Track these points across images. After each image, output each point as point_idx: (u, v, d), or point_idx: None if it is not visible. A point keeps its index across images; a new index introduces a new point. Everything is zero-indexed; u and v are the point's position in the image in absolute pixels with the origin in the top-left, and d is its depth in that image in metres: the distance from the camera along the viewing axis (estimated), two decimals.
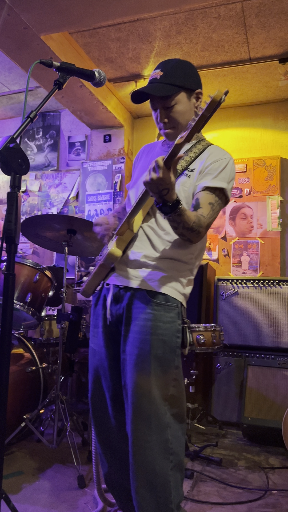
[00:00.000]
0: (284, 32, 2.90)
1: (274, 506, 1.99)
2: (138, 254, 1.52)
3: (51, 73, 3.05)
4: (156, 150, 1.73)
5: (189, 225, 1.37)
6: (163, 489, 1.39)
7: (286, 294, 3.10)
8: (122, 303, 1.52)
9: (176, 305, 1.51)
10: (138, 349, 1.44)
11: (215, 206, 1.48)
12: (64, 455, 2.42)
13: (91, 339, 1.68)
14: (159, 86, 1.50)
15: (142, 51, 3.17)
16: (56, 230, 2.57)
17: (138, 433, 1.40)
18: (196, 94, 1.58)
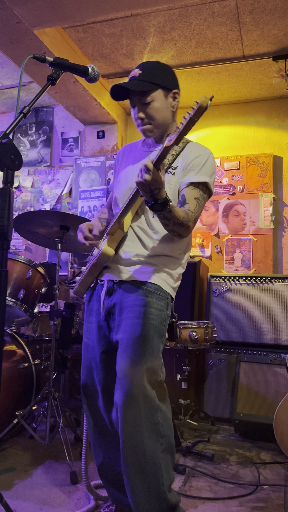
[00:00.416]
0: (278, 30, 2.91)
1: (265, 501, 2.01)
2: (130, 254, 1.59)
3: (44, 68, 3.03)
4: (137, 150, 1.77)
5: (179, 220, 1.44)
6: (154, 472, 1.42)
7: (278, 291, 3.12)
8: (115, 295, 1.58)
9: (165, 296, 1.57)
10: (129, 333, 1.49)
11: (200, 201, 1.56)
12: (57, 451, 2.43)
13: (85, 333, 1.73)
14: (138, 82, 1.56)
15: (136, 47, 3.16)
16: (49, 226, 2.56)
17: (127, 418, 1.42)
18: (173, 94, 1.64)
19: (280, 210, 3.63)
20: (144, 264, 1.57)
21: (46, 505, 1.88)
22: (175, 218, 1.42)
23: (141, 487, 1.41)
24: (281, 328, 3.03)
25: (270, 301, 3.12)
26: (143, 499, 1.42)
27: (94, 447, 1.69)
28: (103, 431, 1.67)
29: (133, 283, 1.56)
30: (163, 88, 1.60)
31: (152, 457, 1.42)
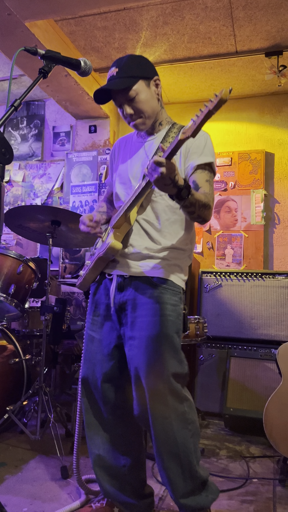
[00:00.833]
0: (271, 26, 2.91)
1: (255, 494, 2.03)
2: (138, 248, 1.59)
3: (35, 61, 3.00)
4: (132, 143, 1.76)
5: (202, 202, 1.44)
6: (187, 457, 1.53)
7: (269, 287, 3.14)
8: (127, 291, 1.59)
9: (179, 290, 1.60)
10: (148, 330, 1.51)
11: (211, 182, 1.57)
12: (48, 446, 2.43)
13: (88, 326, 1.72)
14: (117, 81, 1.55)
15: (129, 41, 3.14)
16: (40, 221, 2.54)
17: (156, 412, 1.50)
18: (154, 82, 1.63)
19: (271, 207, 3.65)
20: (154, 258, 1.58)
21: (37, 500, 1.88)
22: (199, 201, 1.41)
23: (177, 474, 1.53)
24: (271, 323, 3.06)
25: (261, 297, 3.14)
26: (179, 482, 1.54)
27: (90, 439, 1.70)
28: (100, 424, 1.68)
29: (145, 279, 1.57)
30: (143, 78, 1.59)
31: (184, 444, 1.52)
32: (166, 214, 1.61)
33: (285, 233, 3.61)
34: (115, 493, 1.66)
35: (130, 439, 1.67)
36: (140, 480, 1.69)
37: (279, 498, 1.99)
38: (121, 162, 1.76)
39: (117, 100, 1.61)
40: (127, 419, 1.67)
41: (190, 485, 1.55)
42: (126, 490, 1.66)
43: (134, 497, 1.67)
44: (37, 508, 1.82)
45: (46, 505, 1.84)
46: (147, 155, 1.65)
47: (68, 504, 1.82)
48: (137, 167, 1.66)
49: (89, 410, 1.70)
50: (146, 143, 1.68)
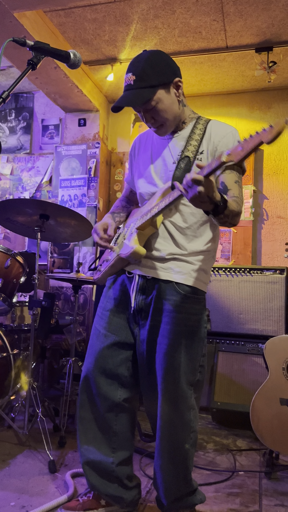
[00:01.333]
0: (261, 21, 2.91)
1: (241, 487, 2.06)
2: (163, 252, 1.57)
3: (24, 52, 2.96)
4: (154, 139, 1.70)
5: (235, 212, 1.41)
6: (184, 464, 1.59)
7: (256, 282, 3.16)
8: (150, 294, 1.58)
9: (203, 297, 1.61)
10: (169, 339, 1.53)
11: (240, 182, 1.52)
12: (35, 441, 2.42)
13: (97, 319, 1.72)
14: (135, 93, 1.48)
15: (119, 33, 3.11)
16: (29, 215, 2.52)
17: (166, 416, 1.55)
18: (174, 84, 1.55)
19: (260, 203, 3.67)
20: (178, 260, 1.56)
21: (24, 494, 1.88)
22: (232, 211, 1.38)
23: (172, 476, 1.58)
24: (259, 318, 3.09)
25: (249, 292, 3.17)
26: (173, 486, 1.59)
27: (81, 433, 1.70)
28: (94, 420, 1.68)
29: (169, 285, 1.55)
30: (163, 85, 1.50)
31: (184, 451, 1.57)
32: (194, 217, 1.57)
33: (273, 229, 3.64)
34: (102, 486, 1.67)
35: (122, 436, 1.68)
36: (127, 473, 1.70)
37: (265, 490, 2.02)
38: (142, 160, 1.71)
39: (135, 108, 1.55)
40: (122, 417, 1.67)
41: (182, 491, 1.60)
42: (113, 483, 1.67)
43: (121, 489, 1.68)
44: (24, 502, 1.81)
45: (34, 499, 1.84)
46: (172, 155, 1.59)
47: (55, 498, 1.82)
48: (160, 167, 1.62)
49: (85, 404, 1.69)
50: (170, 141, 1.62)
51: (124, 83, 1.53)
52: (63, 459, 2.26)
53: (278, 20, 2.89)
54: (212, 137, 1.55)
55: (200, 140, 1.56)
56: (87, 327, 3.65)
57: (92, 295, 3.71)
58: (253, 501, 1.92)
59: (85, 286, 3.71)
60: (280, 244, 3.59)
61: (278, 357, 2.22)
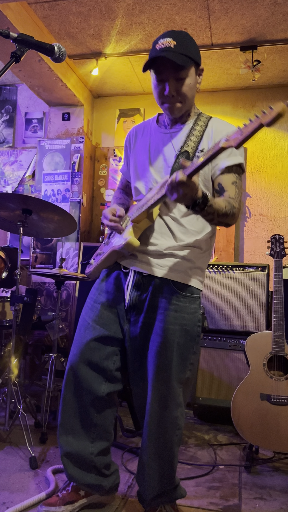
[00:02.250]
0: (246, 20, 2.93)
1: (221, 480, 2.08)
2: (160, 246, 1.55)
3: (7, 44, 2.91)
4: (152, 132, 1.66)
5: (222, 212, 1.38)
6: (170, 460, 1.59)
7: (238, 279, 3.20)
8: (146, 291, 1.56)
9: (198, 295, 1.60)
10: (163, 337, 1.53)
11: (238, 183, 1.50)
12: (17, 437, 2.41)
13: (86, 311, 1.70)
14: (177, 55, 1.42)
15: (104, 28, 3.09)
16: (11, 209, 2.49)
17: (155, 414, 1.55)
18: (199, 71, 1.55)
19: (242, 200, 3.70)
20: (175, 256, 1.54)
21: (5, 491, 1.87)
22: (217, 210, 1.35)
23: (157, 473, 1.58)
24: (240, 315, 3.12)
25: (231, 289, 3.20)
26: (157, 483, 1.59)
27: (62, 426, 1.68)
28: (77, 411, 1.67)
29: (165, 282, 1.54)
30: (196, 64, 1.50)
31: (170, 448, 1.58)
32: (191, 213, 1.55)
33: (255, 226, 3.68)
34: (80, 476, 1.66)
35: (101, 430, 1.68)
36: (106, 463, 1.70)
37: (244, 484, 2.05)
38: (139, 152, 1.67)
39: (163, 74, 1.47)
40: (104, 411, 1.67)
41: (164, 487, 1.61)
42: (91, 472, 1.67)
43: (99, 477, 1.68)
44: (5, 498, 1.80)
45: (14, 495, 1.83)
46: (174, 148, 1.56)
47: (36, 494, 1.81)
48: (159, 161, 1.59)
49: (68, 396, 1.68)
50: (172, 135, 1.58)
51: (159, 46, 1.44)
52: (45, 455, 2.25)
53: (263, 19, 2.91)
54: (213, 135, 1.53)
55: (201, 136, 1.54)
56: (69, 323, 3.63)
57: (75, 291, 3.69)
58: (233, 495, 1.95)
59: (68, 282, 3.69)
60: (262, 241, 3.64)
61: (259, 353, 2.25)
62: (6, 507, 1.73)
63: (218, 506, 1.84)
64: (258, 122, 1.08)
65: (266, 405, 2.17)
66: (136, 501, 1.75)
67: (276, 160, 3.69)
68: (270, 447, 2.16)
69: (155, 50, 1.46)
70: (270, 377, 2.21)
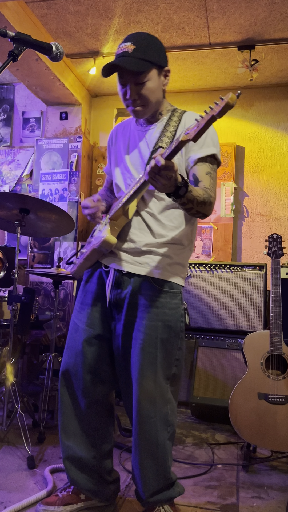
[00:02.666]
0: (244, 19, 2.93)
1: (219, 480, 2.09)
2: (139, 243, 1.55)
3: (5, 43, 2.91)
4: (131, 130, 1.69)
5: (201, 199, 1.39)
6: (163, 457, 1.57)
7: (236, 279, 3.20)
8: (125, 289, 1.56)
9: (179, 291, 1.60)
10: (145, 334, 1.52)
11: (212, 174, 1.51)
12: (14, 436, 2.40)
13: (75, 314, 1.70)
14: (133, 60, 1.45)
15: (102, 27, 3.09)
16: (8, 208, 2.49)
17: (143, 411, 1.52)
18: (164, 72, 1.56)
19: (240, 200, 3.71)
20: (154, 253, 1.55)
21: (3, 490, 1.87)
22: (197, 197, 1.36)
23: (151, 471, 1.57)
24: (238, 314, 3.13)
25: (228, 288, 3.20)
26: (152, 481, 1.57)
27: (62, 429, 1.69)
28: (75, 415, 1.67)
29: (145, 279, 1.54)
30: (158, 66, 1.51)
31: (163, 445, 1.56)
32: (169, 209, 1.56)
33: (253, 226, 3.68)
34: (82, 481, 1.68)
35: (102, 433, 1.68)
36: (107, 468, 1.71)
37: (242, 483, 2.06)
38: (119, 150, 1.69)
39: (123, 78, 1.50)
40: (102, 414, 1.67)
41: (161, 484, 1.59)
42: (94, 478, 1.68)
43: (100, 484, 1.70)
44: (3, 498, 1.80)
45: (12, 495, 1.83)
46: (148, 146, 1.58)
47: (34, 494, 1.81)
48: (136, 157, 1.61)
49: (65, 400, 1.68)
50: (146, 133, 1.61)
51: (119, 51, 1.48)
52: (42, 454, 2.25)
53: (261, 19, 2.91)
54: (186, 126, 1.53)
55: (175, 131, 1.55)
56: (67, 323, 3.63)
57: (72, 290, 3.69)
58: (231, 494, 1.95)
59: (66, 281, 3.69)
60: (259, 241, 3.64)
61: (257, 352, 2.26)
62: (4, 506, 1.73)
63: (216, 505, 1.84)
64: (210, 114, 1.14)
65: (264, 404, 2.18)
66: (134, 500, 1.75)
67: (274, 160, 3.69)
68: (267, 446, 2.17)
69: (115, 55, 1.49)
70: (267, 376, 2.21)
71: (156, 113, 1.61)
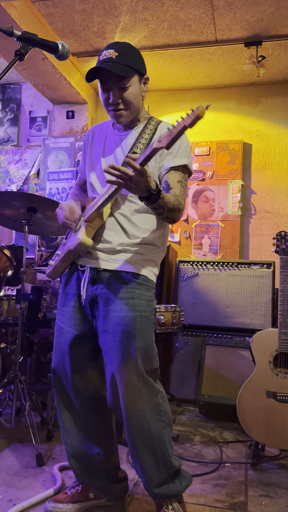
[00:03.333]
0: (250, 15, 2.91)
1: (227, 478, 2.08)
2: (113, 243, 1.58)
3: (12, 42, 2.91)
4: (108, 133, 1.73)
5: (171, 205, 1.44)
6: (161, 448, 1.56)
7: (244, 277, 3.19)
8: (100, 285, 1.58)
9: (153, 286, 1.63)
10: (123, 325, 1.52)
11: (183, 183, 1.56)
12: (23, 434, 2.42)
13: (58, 317, 1.72)
14: (117, 65, 1.50)
15: (108, 25, 3.08)
16: (16, 208, 2.50)
17: (130, 405, 1.52)
18: (144, 80, 1.63)
19: (248, 197, 3.69)
20: (128, 252, 1.58)
21: (12, 488, 1.88)
22: (167, 203, 1.42)
23: (151, 463, 1.56)
24: (246, 312, 3.12)
25: (236, 286, 3.19)
26: (154, 473, 1.57)
27: (63, 429, 1.71)
28: (71, 415, 1.69)
29: (118, 274, 1.57)
30: (139, 73, 1.57)
31: (158, 435, 1.56)
32: (141, 213, 1.60)
33: (261, 223, 3.66)
34: (90, 480, 1.69)
35: (101, 429, 1.69)
36: (113, 465, 1.71)
37: (251, 482, 2.05)
38: (95, 151, 1.73)
39: (107, 83, 1.54)
40: (98, 410, 1.68)
41: (164, 475, 1.58)
42: (101, 475, 1.69)
43: (108, 482, 1.70)
44: (11, 495, 1.81)
45: (21, 492, 1.84)
46: (123, 151, 1.62)
47: (43, 491, 1.82)
48: (111, 161, 1.64)
49: (60, 401, 1.70)
50: (122, 138, 1.66)
51: (102, 57, 1.53)
52: (51, 452, 2.26)
53: (267, 15, 2.89)
54: None
55: (150, 138, 1.60)
56: None
57: None
58: (239, 492, 1.95)
59: None
60: (267, 238, 3.62)
61: (265, 350, 2.25)
62: (13, 504, 1.74)
63: (224, 504, 1.84)
64: (182, 124, 1.18)
65: (272, 403, 2.17)
66: (142, 498, 1.75)
67: (282, 157, 3.66)
68: (276, 444, 2.16)
69: (98, 61, 1.54)
70: (276, 374, 2.20)
71: (134, 120, 1.66)
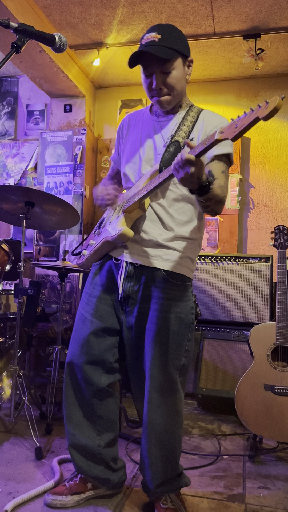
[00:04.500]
0: (249, 8, 2.89)
1: (225, 470, 2.10)
2: (151, 235, 1.56)
3: (8, 35, 2.89)
4: (144, 120, 1.67)
5: (219, 198, 1.41)
6: (171, 446, 1.61)
7: (242, 271, 3.19)
8: (138, 282, 1.58)
9: (190, 283, 1.63)
10: (157, 326, 1.55)
11: (226, 173, 1.51)
12: (22, 428, 2.43)
13: (82, 305, 1.72)
14: (161, 48, 1.44)
15: (105, 17, 3.06)
16: (13, 202, 2.49)
17: (152, 400, 1.57)
18: (188, 62, 1.56)
19: (246, 191, 3.69)
20: (166, 247, 1.56)
21: (11, 481, 1.89)
22: (216, 196, 1.38)
23: (160, 460, 1.59)
24: (244, 306, 3.12)
25: (234, 280, 3.20)
26: (160, 470, 1.60)
27: (67, 418, 1.71)
28: (79, 405, 1.69)
29: (157, 272, 1.56)
30: (183, 55, 1.51)
31: (171, 434, 1.60)
32: (179, 203, 1.57)
33: (259, 217, 3.66)
34: (88, 469, 1.69)
35: (107, 420, 1.70)
36: (113, 455, 1.72)
37: (248, 474, 2.07)
38: (131, 140, 1.68)
39: (149, 68, 1.49)
40: (107, 402, 1.69)
41: (168, 475, 1.61)
42: (99, 465, 1.70)
43: (107, 471, 1.71)
44: (11, 488, 1.82)
45: (21, 485, 1.85)
46: (163, 138, 1.57)
47: (42, 484, 1.83)
48: (149, 149, 1.60)
49: (70, 389, 1.70)
50: (162, 124, 1.60)
51: (144, 41, 1.47)
52: (50, 446, 2.27)
53: (266, 7, 2.87)
54: (204, 126, 1.54)
55: (192, 127, 1.54)
56: (73, 315, 3.64)
57: (78, 283, 3.70)
58: (237, 484, 1.96)
59: (72, 274, 3.70)
60: (265, 232, 3.62)
61: (263, 344, 2.25)
62: (13, 497, 1.75)
63: (222, 495, 1.85)
64: (254, 115, 1.07)
65: (270, 396, 2.18)
66: (141, 490, 1.76)
67: (280, 150, 3.66)
68: (273, 437, 2.17)
69: (140, 45, 1.48)
70: (274, 368, 2.21)
71: (176, 105, 1.60)
